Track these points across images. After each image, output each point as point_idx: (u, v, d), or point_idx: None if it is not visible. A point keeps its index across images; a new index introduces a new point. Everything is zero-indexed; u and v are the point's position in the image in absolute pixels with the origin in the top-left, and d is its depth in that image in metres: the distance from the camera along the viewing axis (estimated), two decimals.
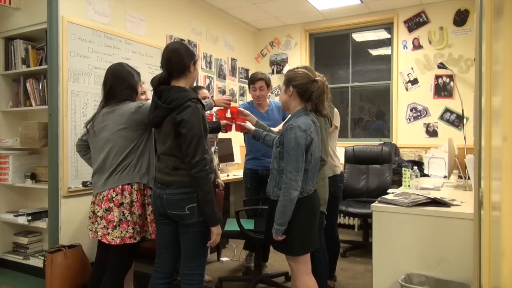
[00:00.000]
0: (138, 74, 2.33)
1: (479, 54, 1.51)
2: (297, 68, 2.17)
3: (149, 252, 2.15)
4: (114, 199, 2.11)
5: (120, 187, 2.13)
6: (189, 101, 1.89)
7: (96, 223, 2.14)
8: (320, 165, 2.20)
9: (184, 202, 1.91)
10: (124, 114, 2.16)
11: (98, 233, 2.13)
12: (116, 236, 2.09)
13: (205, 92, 3.19)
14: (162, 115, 1.92)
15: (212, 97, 2.96)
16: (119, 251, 2.16)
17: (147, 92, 2.73)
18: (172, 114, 1.89)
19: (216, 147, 3.39)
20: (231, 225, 3.01)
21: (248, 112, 2.55)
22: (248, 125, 2.47)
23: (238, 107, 2.74)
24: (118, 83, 2.22)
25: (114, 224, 2.09)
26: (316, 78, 2.09)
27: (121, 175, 2.15)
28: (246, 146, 3.55)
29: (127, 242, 2.11)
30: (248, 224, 3.01)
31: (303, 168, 2.00)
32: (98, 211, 2.14)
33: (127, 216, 2.12)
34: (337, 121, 2.94)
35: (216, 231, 1.94)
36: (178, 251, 2.07)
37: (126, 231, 2.11)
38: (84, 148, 2.36)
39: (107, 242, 2.11)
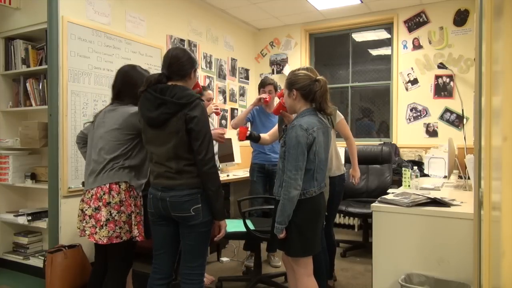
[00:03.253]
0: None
1: (479, 54, 1.51)
2: (298, 70, 2.18)
3: (148, 251, 2.14)
4: (102, 198, 2.11)
5: (108, 185, 2.12)
6: (198, 99, 1.92)
7: (84, 221, 2.14)
8: None
9: (190, 204, 1.91)
10: (122, 115, 2.17)
11: (86, 232, 2.13)
12: (103, 236, 2.09)
13: (210, 93, 3.22)
14: (172, 111, 1.88)
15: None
16: (113, 252, 2.18)
17: None
18: (184, 110, 1.88)
19: (216, 151, 3.41)
20: (232, 226, 3.00)
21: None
22: (290, 115, 2.37)
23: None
24: (126, 89, 2.24)
25: (101, 223, 2.09)
26: (317, 77, 2.10)
27: (109, 174, 2.14)
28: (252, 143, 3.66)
29: (114, 242, 2.10)
30: (248, 224, 3.00)
31: (304, 168, 2.00)
32: (86, 210, 2.13)
33: (115, 215, 2.11)
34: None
35: (224, 224, 2.01)
36: (176, 252, 2.08)
37: (114, 231, 2.10)
38: (83, 140, 2.39)
39: (94, 241, 2.12)
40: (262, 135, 2.73)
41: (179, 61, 1.97)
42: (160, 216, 2.00)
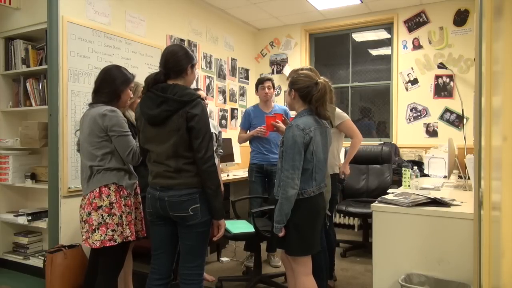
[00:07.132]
0: (129, 79, 2.29)
1: (479, 54, 1.51)
2: (301, 69, 2.20)
3: (148, 251, 2.14)
4: (92, 202, 2.12)
5: (98, 189, 2.13)
6: (199, 97, 1.93)
7: (81, 227, 2.18)
8: None
9: (188, 204, 1.91)
10: (91, 119, 2.17)
11: (83, 237, 2.17)
12: (96, 240, 2.10)
13: (201, 93, 3.21)
14: (174, 109, 1.88)
15: None
16: (105, 254, 2.18)
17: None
18: (185, 108, 1.88)
19: (221, 150, 3.41)
20: (236, 227, 2.99)
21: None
22: (282, 126, 2.51)
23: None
24: (104, 84, 2.23)
25: (93, 227, 2.11)
26: (318, 80, 2.11)
27: (98, 177, 2.15)
28: (250, 142, 3.69)
29: (107, 245, 2.11)
30: (246, 226, 3.00)
31: (301, 167, 2.01)
32: (82, 215, 2.16)
33: (106, 218, 2.12)
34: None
35: (223, 224, 2.01)
36: (175, 252, 2.08)
37: (106, 234, 2.11)
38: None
39: (88, 246, 2.14)
40: None
41: (175, 56, 1.97)
42: (158, 216, 1.99)
